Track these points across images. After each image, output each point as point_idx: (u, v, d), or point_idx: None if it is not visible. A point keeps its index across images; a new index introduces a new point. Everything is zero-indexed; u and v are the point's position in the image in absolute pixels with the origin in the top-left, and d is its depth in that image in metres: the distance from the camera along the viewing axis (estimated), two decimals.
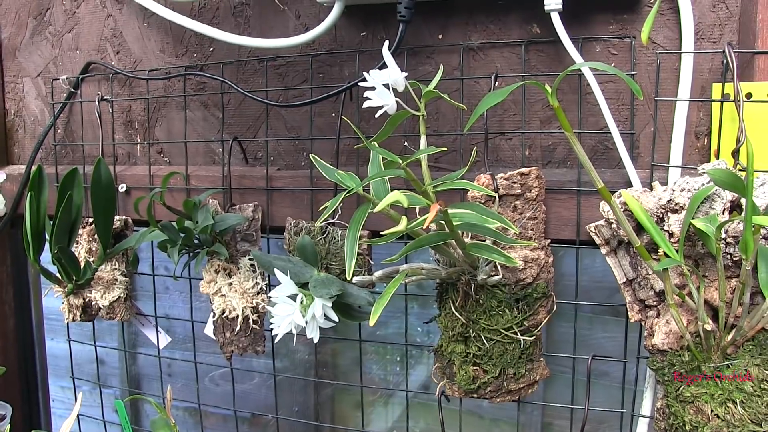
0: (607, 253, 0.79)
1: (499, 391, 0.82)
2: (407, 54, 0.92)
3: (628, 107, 0.85)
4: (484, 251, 0.71)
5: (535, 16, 0.87)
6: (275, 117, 1.03)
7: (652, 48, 0.83)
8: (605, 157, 0.87)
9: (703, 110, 0.82)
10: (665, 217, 0.73)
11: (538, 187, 0.81)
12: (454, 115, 0.92)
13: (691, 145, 0.83)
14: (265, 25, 1.01)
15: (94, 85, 1.16)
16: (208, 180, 1.04)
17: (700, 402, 0.71)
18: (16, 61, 1.24)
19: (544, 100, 0.88)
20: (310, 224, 0.92)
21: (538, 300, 0.80)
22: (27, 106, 1.24)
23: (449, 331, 0.82)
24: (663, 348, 0.75)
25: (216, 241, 0.94)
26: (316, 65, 0.98)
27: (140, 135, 1.14)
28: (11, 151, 1.27)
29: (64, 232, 0.98)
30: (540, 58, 0.88)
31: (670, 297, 0.69)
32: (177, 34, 1.07)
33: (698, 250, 0.73)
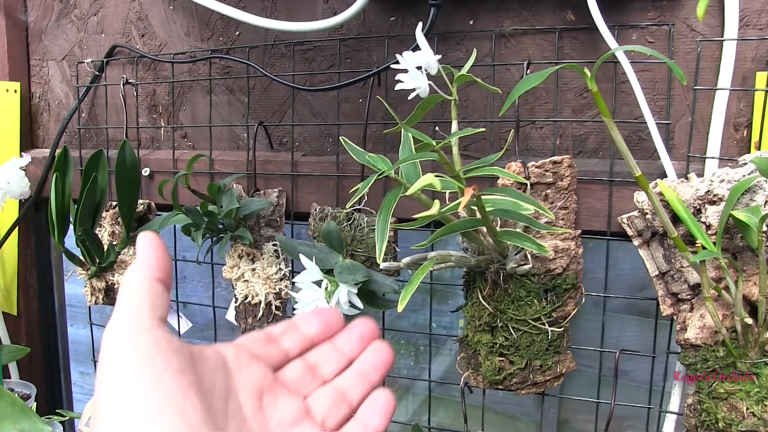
0: (640, 245, 0.77)
1: (525, 382, 0.81)
2: (437, 39, 0.90)
3: (663, 97, 0.83)
4: (515, 239, 0.69)
5: (569, 2, 0.85)
6: (301, 102, 1.01)
7: (691, 36, 0.81)
8: (639, 147, 0.85)
9: (743, 101, 0.80)
10: (702, 208, 0.71)
11: (570, 176, 0.79)
12: (483, 102, 0.90)
13: (729, 136, 0.81)
14: (293, 9, 0.99)
15: (118, 69, 1.15)
16: (232, 165, 1.02)
17: (734, 399, 0.69)
18: (41, 44, 1.23)
19: (577, 88, 0.86)
20: (335, 210, 0.90)
21: (567, 291, 0.79)
22: (52, 89, 1.23)
23: (476, 320, 0.81)
24: (696, 343, 0.73)
25: (240, 225, 0.93)
26: (344, 50, 0.97)
27: (164, 119, 1.13)
28: (36, 134, 1.26)
29: (89, 214, 0.97)
30: (574, 46, 0.86)
31: (707, 290, 0.67)
32: (203, 17, 1.06)
33: (737, 243, 0.71)
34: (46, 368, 1.36)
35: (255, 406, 0.50)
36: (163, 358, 0.42)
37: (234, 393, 0.49)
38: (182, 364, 0.44)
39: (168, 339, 0.44)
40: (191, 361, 0.46)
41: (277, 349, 0.55)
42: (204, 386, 0.46)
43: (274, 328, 0.57)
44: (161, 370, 0.42)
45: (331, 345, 0.57)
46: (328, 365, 0.56)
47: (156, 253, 0.50)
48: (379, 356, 0.56)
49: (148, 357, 0.42)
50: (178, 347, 0.45)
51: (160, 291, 0.48)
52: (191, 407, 0.42)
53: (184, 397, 0.42)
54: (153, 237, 0.50)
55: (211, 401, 0.46)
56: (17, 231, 1.23)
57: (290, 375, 0.55)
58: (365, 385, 0.55)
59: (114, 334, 0.44)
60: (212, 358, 0.49)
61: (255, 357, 0.53)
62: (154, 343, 0.43)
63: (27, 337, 1.31)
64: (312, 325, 0.58)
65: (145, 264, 0.49)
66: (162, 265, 0.49)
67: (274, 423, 0.50)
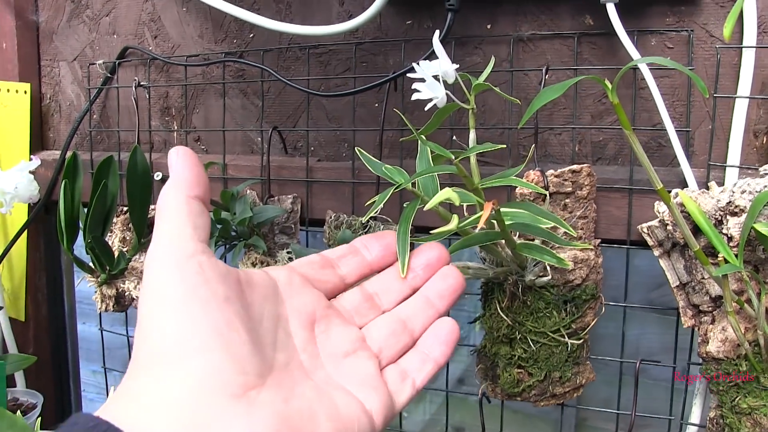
0: (660, 255, 0.76)
1: (544, 394, 0.80)
2: (454, 44, 0.89)
3: (683, 103, 0.81)
4: (535, 252, 0.68)
5: (587, 6, 0.83)
6: (316, 106, 1.00)
7: (710, 42, 0.80)
8: (658, 154, 0.84)
9: (763, 108, 0.79)
10: (724, 219, 0.70)
11: (589, 185, 0.78)
12: (501, 108, 0.89)
13: (749, 144, 0.80)
14: (308, 12, 0.98)
15: (130, 71, 1.14)
16: (246, 170, 1.02)
17: (758, 414, 0.68)
18: (52, 44, 1.22)
19: (596, 94, 0.85)
20: (351, 218, 0.89)
21: (586, 302, 0.78)
22: (63, 90, 1.23)
23: (494, 332, 0.80)
24: (718, 356, 0.72)
25: (254, 233, 0.92)
26: (360, 54, 0.96)
27: (177, 122, 1.12)
28: (46, 136, 1.26)
29: (99, 221, 0.96)
30: (592, 51, 0.84)
31: (729, 304, 0.66)
32: (216, 20, 1.05)
33: (759, 255, 0.70)
34: (55, 375, 1.35)
35: (306, 336, 0.47)
36: (207, 287, 0.40)
37: (284, 321, 0.47)
38: (228, 293, 0.41)
39: (213, 264, 0.42)
40: (238, 287, 0.43)
41: (334, 275, 0.52)
42: (252, 315, 0.43)
43: (332, 251, 0.54)
44: (206, 301, 0.40)
45: (394, 272, 0.54)
46: (388, 294, 0.53)
47: (191, 168, 0.46)
48: (447, 282, 0.53)
49: (192, 287, 0.40)
50: (224, 273, 0.42)
51: (200, 209, 0.45)
52: (237, 340, 0.40)
53: (228, 329, 0.40)
54: (186, 151, 0.47)
55: (258, 331, 0.43)
56: (26, 234, 1.22)
57: (346, 303, 0.52)
58: (430, 312, 0.52)
59: (155, 263, 0.42)
60: (261, 283, 0.47)
61: (309, 282, 0.50)
62: (198, 271, 0.41)
63: (35, 343, 1.29)
64: (372, 249, 0.54)
65: (181, 181, 0.46)
66: (199, 181, 0.46)
67: (326, 354, 0.47)
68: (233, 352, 0.39)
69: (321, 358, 0.47)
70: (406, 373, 0.49)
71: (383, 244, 0.54)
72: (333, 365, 0.46)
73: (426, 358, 0.51)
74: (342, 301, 0.52)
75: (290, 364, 0.44)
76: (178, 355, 0.38)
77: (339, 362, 0.47)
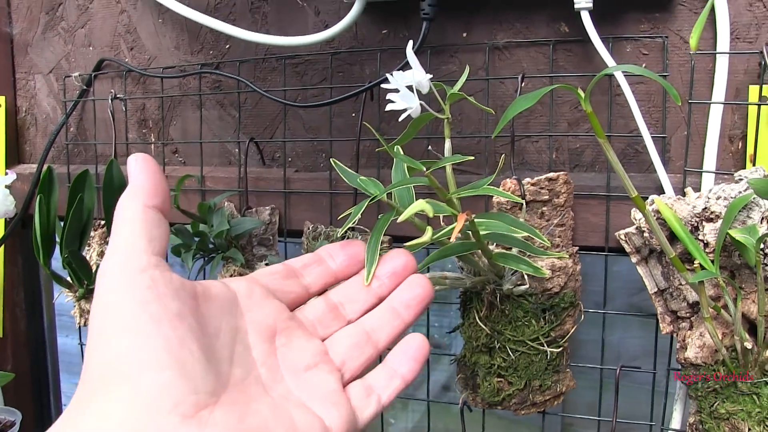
0: (638, 262, 0.76)
1: (524, 403, 0.80)
2: (430, 53, 0.89)
3: (659, 109, 0.82)
4: (511, 261, 0.68)
5: (563, 14, 0.83)
6: (293, 117, 1.00)
7: (685, 48, 0.80)
8: (635, 161, 0.84)
9: (737, 113, 0.79)
10: (700, 225, 0.70)
11: (566, 192, 0.78)
12: (478, 116, 0.89)
13: (724, 149, 0.80)
14: (284, 22, 0.98)
15: (107, 83, 1.14)
16: (223, 181, 1.01)
17: (736, 419, 0.68)
18: (27, 57, 1.21)
19: (572, 101, 0.85)
20: (329, 228, 0.89)
21: (565, 310, 0.78)
22: (39, 103, 1.22)
23: (473, 341, 0.80)
24: (696, 362, 0.72)
25: (232, 245, 0.91)
26: (336, 64, 0.95)
27: (154, 134, 1.11)
28: (22, 150, 1.25)
29: (75, 235, 0.96)
30: (568, 58, 0.85)
31: (706, 310, 0.66)
32: (192, 31, 1.05)
33: (734, 261, 0.70)
34: (35, 390, 1.33)
35: (266, 349, 0.46)
36: (159, 303, 0.39)
37: (243, 334, 0.45)
38: (181, 308, 0.40)
39: (166, 279, 0.41)
40: (193, 302, 0.42)
41: (297, 285, 0.51)
42: (207, 330, 0.42)
43: (296, 261, 0.52)
44: (157, 318, 0.38)
45: (359, 281, 0.52)
46: (354, 304, 0.51)
47: (150, 176, 0.45)
48: (414, 291, 0.51)
49: (143, 303, 0.39)
50: (177, 287, 0.41)
51: (157, 220, 0.43)
52: (189, 357, 0.38)
53: (180, 346, 0.38)
54: (145, 158, 0.45)
55: (214, 346, 0.42)
56: (3, 249, 1.21)
57: (309, 314, 0.50)
58: (396, 323, 0.50)
59: (106, 277, 0.40)
60: (219, 296, 0.45)
61: (271, 293, 0.49)
62: (149, 286, 0.39)
63: (13, 360, 1.28)
64: (337, 258, 0.53)
65: (139, 189, 0.44)
66: (158, 190, 0.44)
67: (286, 367, 0.46)
68: (185, 370, 0.38)
69: (281, 371, 0.45)
70: (372, 388, 0.48)
71: (348, 252, 0.53)
72: (293, 379, 0.45)
73: (393, 374, 0.49)
74: (305, 311, 0.51)
75: (247, 378, 0.43)
76: (127, 374, 0.37)
77: (300, 376, 0.46)
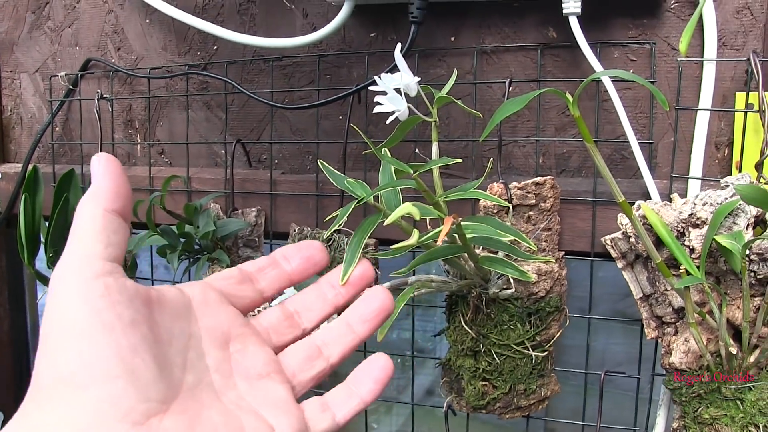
0: (624, 267, 0.76)
1: (509, 407, 0.79)
2: (418, 56, 0.89)
3: (646, 115, 0.82)
4: (497, 265, 0.68)
5: (551, 19, 0.84)
6: (280, 119, 0.99)
7: (672, 55, 0.80)
8: (622, 166, 0.84)
9: (724, 120, 0.79)
10: (686, 231, 0.70)
11: (553, 197, 0.78)
12: (465, 120, 0.89)
13: (711, 155, 0.80)
14: (271, 24, 0.98)
15: (93, 83, 1.13)
16: (210, 183, 1.01)
17: (719, 425, 0.68)
18: (13, 56, 1.20)
19: (559, 106, 0.85)
20: (315, 231, 0.89)
21: (550, 314, 0.78)
22: (24, 102, 1.21)
23: (458, 345, 0.80)
24: (681, 367, 0.72)
25: (217, 246, 0.91)
26: (324, 66, 0.95)
27: (141, 135, 1.11)
28: (8, 149, 1.24)
29: (60, 235, 0.95)
30: (556, 63, 0.85)
31: (691, 316, 0.66)
32: (180, 32, 1.04)
33: (720, 267, 0.70)
34: (17, 391, 1.32)
35: (219, 355, 0.45)
36: (112, 311, 0.38)
37: (196, 341, 0.45)
38: (135, 315, 0.40)
39: (120, 286, 0.40)
40: (147, 308, 0.42)
41: (252, 290, 0.50)
42: (160, 336, 0.42)
43: (251, 264, 0.52)
44: (110, 326, 0.38)
45: (316, 290, 0.52)
46: (310, 313, 0.51)
47: (112, 178, 0.43)
48: (372, 305, 0.51)
49: (96, 311, 0.38)
50: (132, 294, 0.41)
51: (117, 225, 0.43)
52: (141, 365, 0.38)
53: (133, 355, 0.38)
54: (108, 159, 0.44)
55: (166, 353, 0.41)
56: None
57: (265, 321, 0.50)
58: (349, 338, 0.50)
59: (60, 283, 0.40)
60: (173, 302, 0.44)
61: (225, 298, 0.48)
62: (103, 294, 0.39)
63: None
64: (292, 261, 0.52)
65: (100, 192, 0.43)
66: (119, 193, 0.43)
67: (240, 374, 0.45)
68: (136, 378, 0.38)
69: (234, 377, 0.45)
70: (328, 405, 0.48)
71: (304, 255, 0.52)
72: (246, 386, 0.45)
73: (352, 393, 0.49)
74: (261, 318, 0.51)
75: (200, 385, 0.43)
76: (77, 383, 0.36)
77: (252, 383, 0.46)
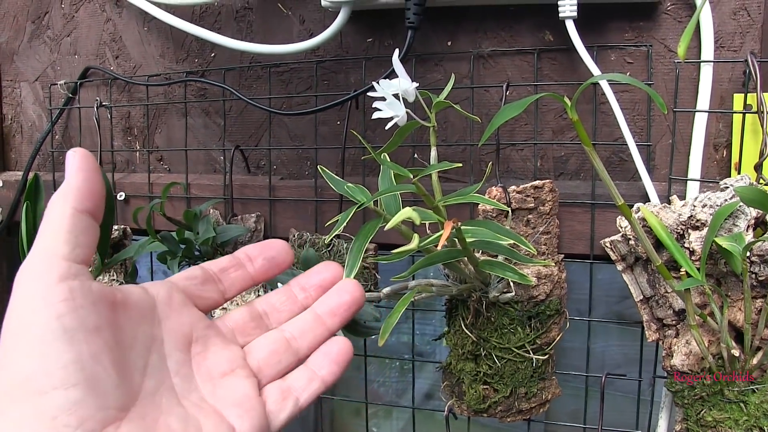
0: (623, 270, 0.76)
1: (510, 410, 0.79)
2: (415, 61, 0.89)
3: (643, 118, 0.82)
4: (497, 269, 0.68)
5: (547, 23, 0.84)
6: (278, 125, 1.00)
7: (669, 57, 0.80)
8: (620, 169, 0.84)
9: (722, 121, 0.80)
10: (686, 233, 0.70)
11: (551, 200, 0.78)
12: (463, 124, 0.89)
13: (709, 157, 0.80)
14: (269, 31, 0.98)
15: (92, 91, 1.13)
16: (209, 189, 1.01)
17: (723, 427, 0.68)
18: (13, 65, 1.21)
19: (557, 109, 0.85)
20: (314, 236, 0.89)
21: (551, 317, 0.77)
22: (24, 111, 1.21)
23: (459, 348, 0.80)
24: (683, 369, 0.72)
25: (217, 252, 0.91)
26: (321, 72, 0.95)
27: (139, 142, 1.11)
28: (8, 157, 1.24)
29: None
30: (553, 67, 0.85)
31: (692, 318, 0.66)
32: (178, 39, 1.04)
33: (720, 269, 0.70)
34: None
35: (181, 358, 0.45)
36: (74, 316, 0.38)
37: (158, 343, 0.44)
38: (98, 321, 0.39)
39: (85, 290, 0.39)
40: (112, 312, 0.41)
41: (215, 290, 0.50)
42: (122, 341, 0.41)
43: (215, 263, 0.51)
44: (72, 332, 0.37)
45: (285, 292, 0.52)
46: (278, 314, 0.51)
47: (85, 175, 0.42)
48: (342, 297, 0.51)
49: (57, 316, 0.37)
50: (96, 299, 0.40)
51: (86, 225, 0.41)
52: (101, 373, 0.38)
53: (93, 362, 0.37)
54: (83, 155, 0.43)
55: (128, 358, 0.41)
56: None
57: (230, 323, 0.50)
58: (319, 331, 0.50)
59: (24, 285, 0.39)
60: (138, 304, 0.44)
61: (189, 299, 0.48)
62: (66, 298, 0.38)
63: None
64: (255, 262, 0.52)
65: (71, 191, 0.41)
66: (92, 192, 0.42)
67: (201, 375, 0.45)
68: (95, 386, 0.37)
69: (196, 379, 0.45)
70: (290, 390, 0.48)
71: (267, 255, 0.52)
72: (209, 386, 0.45)
73: (313, 376, 0.49)
74: (226, 319, 0.50)
75: (160, 389, 0.42)
76: (34, 389, 0.36)
77: (215, 383, 0.45)
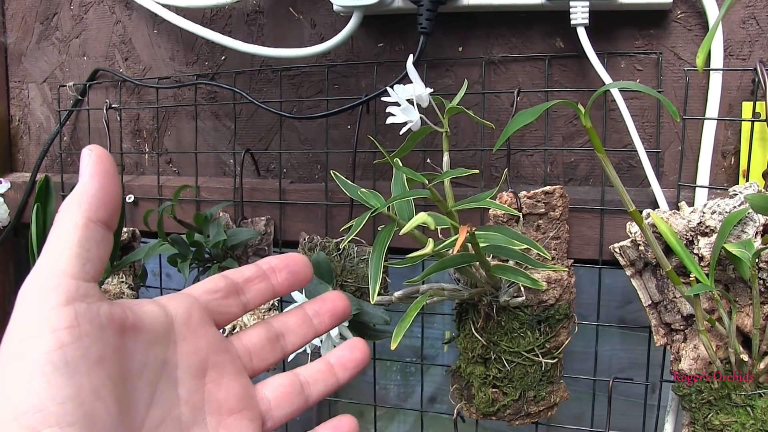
0: (632, 275, 0.76)
1: (519, 413, 0.80)
2: (426, 66, 0.89)
3: (653, 124, 0.83)
4: (509, 274, 0.68)
5: (558, 30, 0.84)
6: (289, 128, 1.00)
7: (679, 65, 0.81)
8: (629, 175, 0.85)
9: (730, 129, 0.80)
10: (695, 239, 0.71)
11: (562, 206, 0.79)
12: (473, 129, 0.90)
13: (717, 164, 0.81)
14: (279, 35, 0.99)
15: (101, 93, 1.14)
16: (218, 192, 1.01)
17: (730, 431, 0.69)
18: (21, 66, 1.21)
19: (567, 115, 0.86)
20: (325, 239, 0.89)
21: (560, 321, 0.78)
22: (32, 112, 1.22)
23: (468, 352, 0.80)
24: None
25: (227, 255, 0.92)
26: (332, 76, 0.96)
27: (149, 144, 1.11)
28: (15, 159, 1.24)
29: None
30: (563, 73, 0.86)
31: (701, 323, 0.67)
32: (188, 42, 1.05)
33: (729, 275, 0.71)
34: None
35: (193, 385, 0.43)
36: (78, 345, 0.35)
37: (171, 368, 0.42)
38: (104, 350, 0.37)
39: (92, 314, 0.37)
40: (119, 339, 0.38)
41: (237, 304, 0.48)
42: (129, 370, 0.39)
43: (239, 273, 0.49)
44: (74, 364, 0.35)
45: (300, 314, 0.52)
46: (293, 337, 0.51)
47: (101, 180, 0.39)
48: (354, 354, 0.52)
49: (59, 345, 0.35)
50: (104, 323, 0.37)
51: (100, 237, 0.38)
52: (101, 410, 0.35)
53: (94, 398, 0.35)
54: (100, 156, 0.39)
55: (134, 388, 0.39)
56: None
57: (248, 342, 0.49)
58: (331, 381, 0.51)
59: (26, 304, 0.36)
60: (152, 326, 0.41)
61: (209, 316, 0.46)
62: (71, 325, 0.35)
63: None
64: (279, 275, 0.50)
65: (84, 198, 0.38)
66: (107, 199, 0.39)
67: (210, 408, 0.44)
68: (94, 423, 0.35)
69: (204, 411, 0.43)
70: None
71: (291, 270, 0.51)
72: (215, 421, 0.44)
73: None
74: (245, 339, 0.49)
75: (165, 420, 0.41)
76: (29, 424, 0.33)
77: (221, 420, 0.44)
